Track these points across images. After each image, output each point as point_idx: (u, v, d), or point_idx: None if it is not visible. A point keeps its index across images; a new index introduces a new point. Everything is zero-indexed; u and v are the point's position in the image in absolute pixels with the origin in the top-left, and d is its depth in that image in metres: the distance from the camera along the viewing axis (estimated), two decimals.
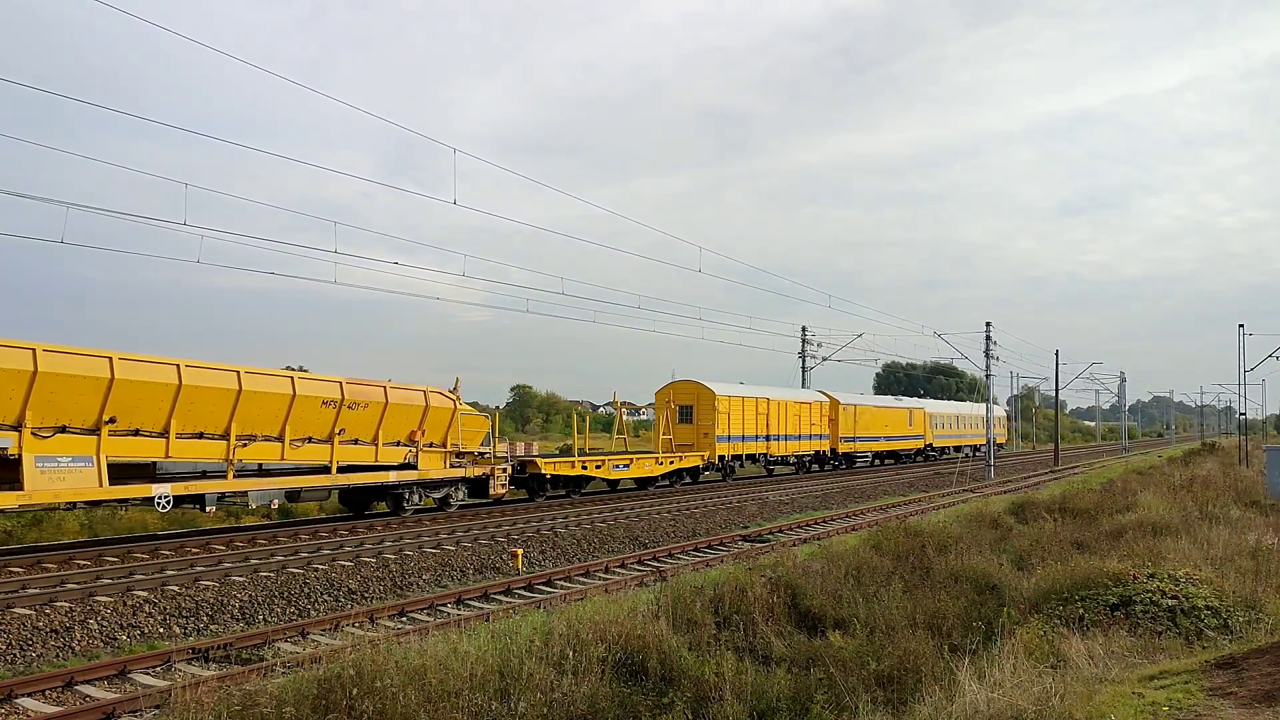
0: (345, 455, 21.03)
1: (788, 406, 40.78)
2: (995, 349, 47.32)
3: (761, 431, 38.69)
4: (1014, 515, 21.20)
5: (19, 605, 12.90)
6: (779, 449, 40.18)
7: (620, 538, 22.01)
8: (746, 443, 37.76)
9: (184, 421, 17.53)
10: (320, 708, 7.35)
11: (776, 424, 39.75)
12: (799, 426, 41.58)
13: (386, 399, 21.59)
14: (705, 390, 36.11)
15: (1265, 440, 76.94)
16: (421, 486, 23.36)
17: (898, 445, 52.68)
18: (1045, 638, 9.19)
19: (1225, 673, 7.85)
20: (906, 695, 8.00)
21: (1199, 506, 19.89)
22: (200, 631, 13.20)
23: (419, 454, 22.85)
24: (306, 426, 19.98)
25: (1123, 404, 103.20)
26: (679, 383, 36.84)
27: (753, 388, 39.47)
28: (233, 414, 18.23)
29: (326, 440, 20.48)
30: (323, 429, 20.36)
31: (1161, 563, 11.89)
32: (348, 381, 20.77)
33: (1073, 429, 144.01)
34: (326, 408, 20.21)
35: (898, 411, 53.18)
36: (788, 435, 40.69)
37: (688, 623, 10.46)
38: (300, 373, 20.29)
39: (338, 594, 15.39)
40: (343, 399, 20.45)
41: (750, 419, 37.88)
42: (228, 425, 18.26)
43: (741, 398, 37.54)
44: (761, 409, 38.75)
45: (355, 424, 21.07)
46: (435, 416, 23.14)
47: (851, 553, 14.69)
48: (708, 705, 8.09)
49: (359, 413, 21.00)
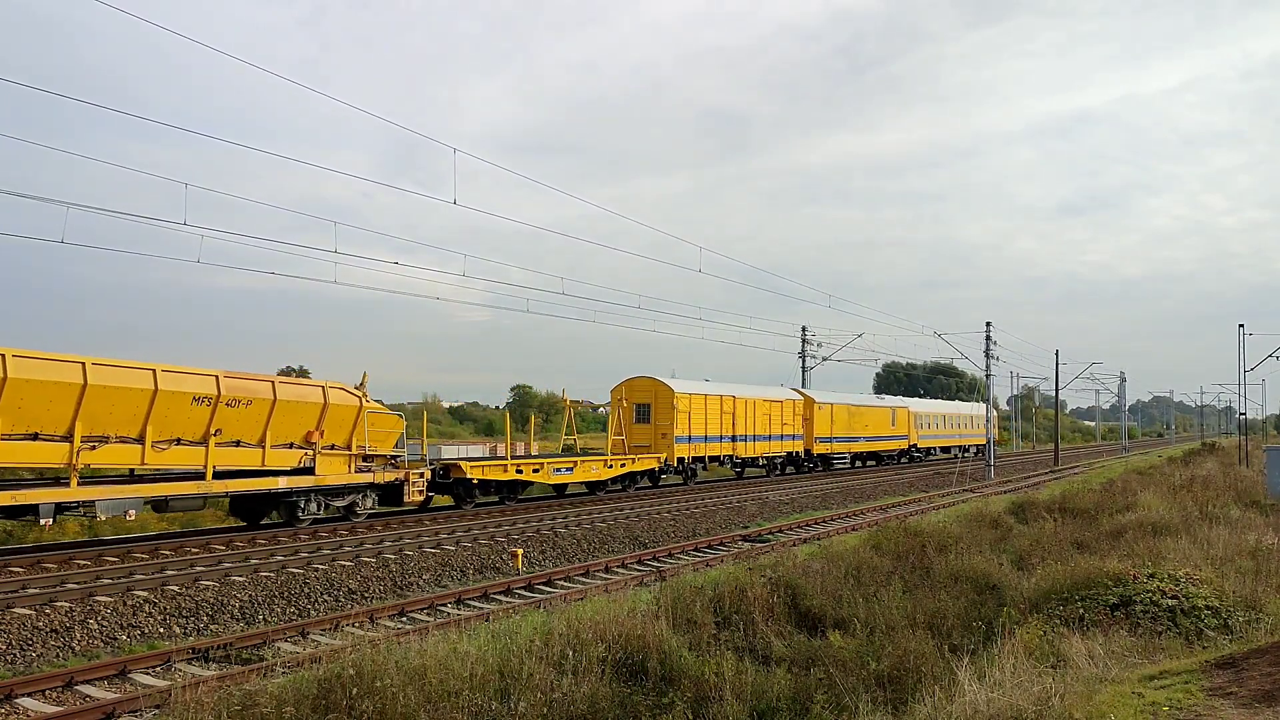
0: (225, 459, 18.79)
1: (756, 405, 38.52)
2: (995, 349, 47.37)
3: (727, 431, 36.50)
4: (1014, 515, 21.21)
5: (19, 605, 12.91)
6: (746, 450, 37.94)
7: (620, 538, 22.02)
8: (710, 444, 35.58)
9: (12, 421, 15.39)
10: (320, 708, 7.36)
11: (744, 423, 37.57)
12: (769, 426, 39.38)
13: (275, 395, 19.33)
14: (663, 387, 33.82)
15: (1265, 440, 76.95)
16: (321, 494, 20.99)
17: (879, 446, 50.76)
18: (1045, 638, 9.19)
19: (1225, 673, 7.85)
20: (906, 695, 8.00)
21: (1199, 506, 19.89)
22: (200, 631, 13.21)
23: (317, 457, 20.55)
24: (174, 426, 17.74)
25: (1123, 404, 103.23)
26: (635, 379, 34.48)
27: (718, 385, 37.44)
28: (77, 412, 16.06)
29: (200, 442, 18.22)
30: (195, 429, 18.13)
31: (1161, 563, 11.89)
32: (225, 375, 18.71)
33: (1073, 429, 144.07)
34: (199, 405, 18.01)
35: (879, 410, 51.25)
36: (756, 435, 38.46)
37: (688, 623, 10.46)
38: (170, 366, 17.89)
39: (338, 594, 15.39)
40: (219, 395, 18.25)
41: (714, 418, 35.76)
42: (71, 425, 16.10)
43: (704, 395, 35.37)
44: (727, 407, 36.58)
45: (236, 424, 18.83)
46: (337, 415, 20.93)
47: (851, 553, 14.69)
48: (708, 705, 8.09)
49: (241, 411, 18.79)
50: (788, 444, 41.17)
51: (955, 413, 64.20)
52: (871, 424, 49.55)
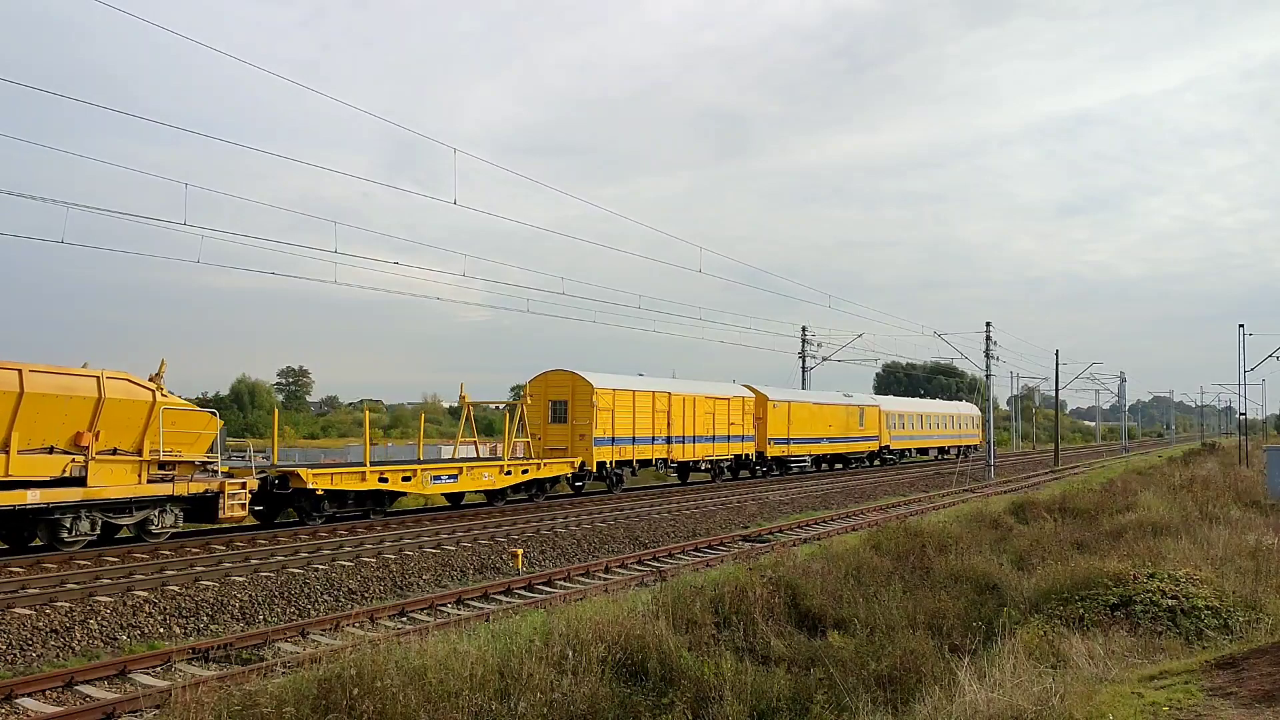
0: None
1: (697, 403, 34.93)
2: (995, 349, 47.39)
3: (660, 432, 32.90)
4: (1014, 515, 21.21)
5: (19, 605, 12.91)
6: (683, 453, 34.25)
7: (620, 538, 22.02)
8: (639, 446, 31.83)
9: None
10: (320, 708, 7.36)
11: (681, 423, 33.98)
12: (711, 426, 35.78)
13: (21, 388, 15.53)
14: (581, 382, 30.23)
15: (1265, 440, 76.96)
16: (95, 509, 16.94)
17: (844, 448, 47.16)
18: (1045, 638, 9.20)
19: (1225, 673, 7.85)
20: (907, 695, 8.00)
21: (1199, 506, 19.90)
22: (200, 631, 13.20)
23: (90, 464, 16.65)
24: None
25: (1123, 404, 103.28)
26: (551, 373, 31.17)
27: (652, 380, 34.21)
28: None
29: None
30: None
31: (1161, 563, 11.89)
32: None
33: (1073, 429, 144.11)
34: None
35: (844, 409, 47.36)
36: (697, 437, 34.85)
37: (688, 623, 10.46)
38: None
39: (338, 594, 15.39)
40: None
41: (644, 417, 32.12)
42: None
43: (632, 392, 31.76)
44: (661, 405, 33.00)
45: None
46: (119, 413, 17.07)
47: (851, 553, 14.69)
48: (708, 705, 8.09)
49: None
50: (736, 446, 37.51)
51: (935, 412, 60.43)
52: (836, 424, 46.07)
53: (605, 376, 31.29)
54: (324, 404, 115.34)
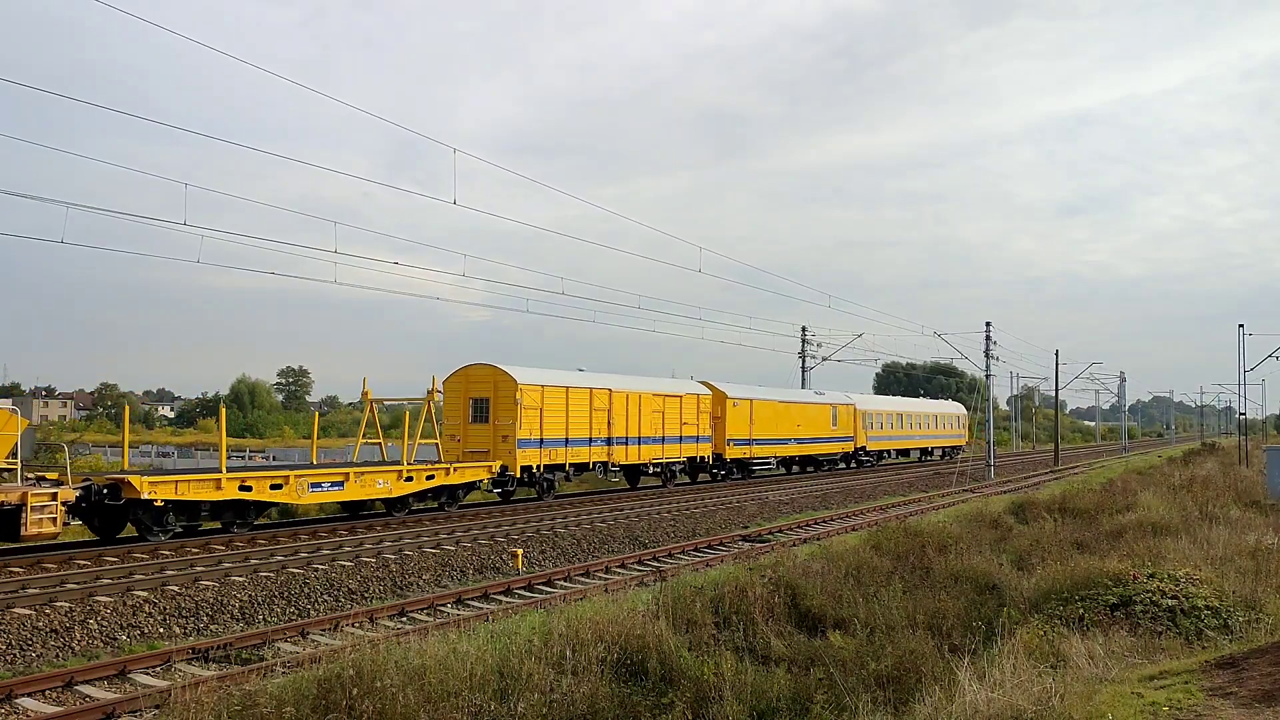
0: None
1: (643, 400, 31.84)
2: (995, 349, 47.35)
3: (600, 433, 29.72)
4: (1014, 515, 21.21)
5: (19, 605, 12.90)
6: (628, 455, 31.11)
7: (620, 538, 22.03)
8: (574, 448, 28.76)
9: None
10: (320, 708, 7.36)
11: (624, 423, 30.90)
12: (661, 426, 32.79)
13: None
14: (504, 377, 27.08)
15: (1265, 440, 76.96)
16: None
17: (815, 449, 44.11)
18: (1045, 638, 9.19)
19: (1225, 673, 7.85)
20: (907, 695, 8.00)
21: (1199, 506, 19.90)
22: (200, 631, 13.20)
23: None
24: None
25: (1123, 404, 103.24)
26: (471, 367, 28.08)
27: (590, 375, 31.08)
28: None
29: None
30: None
31: (1161, 563, 11.89)
32: None
33: (1073, 429, 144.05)
34: None
35: (815, 408, 44.18)
36: (643, 438, 31.82)
37: (687, 623, 10.46)
38: None
39: (338, 594, 15.39)
40: None
41: (580, 416, 29.05)
42: None
43: (564, 388, 28.67)
44: (600, 403, 29.79)
45: None
46: None
47: (851, 553, 14.69)
48: (708, 705, 8.09)
49: None
50: (689, 447, 34.58)
51: (918, 411, 56.92)
52: (805, 423, 42.91)
53: (532, 371, 28.25)
54: (324, 404, 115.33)
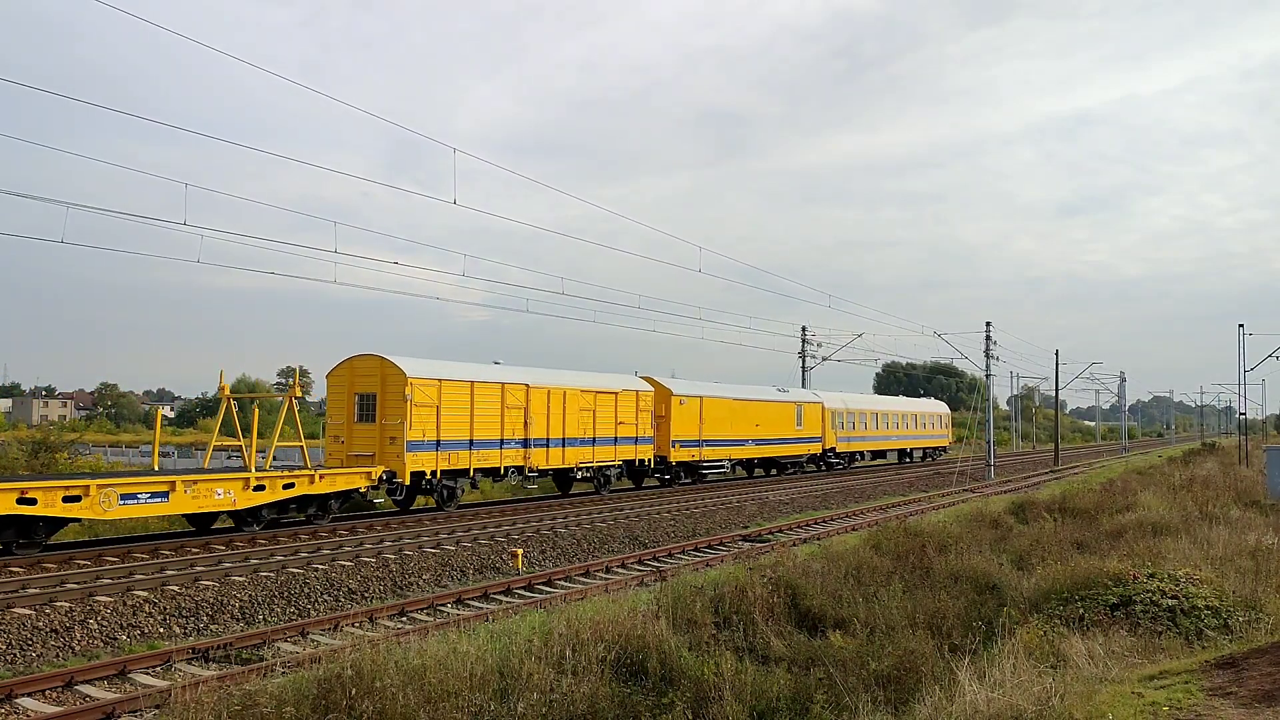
0: None
1: (568, 398, 28.26)
2: (995, 349, 47.34)
3: (515, 434, 26.25)
4: (1014, 515, 21.21)
5: (19, 605, 12.90)
6: (547, 459, 27.51)
7: (620, 538, 22.03)
8: (481, 451, 25.09)
9: None
10: (320, 708, 7.36)
11: (546, 423, 27.41)
12: (592, 426, 29.34)
13: None
14: (392, 370, 23.38)
15: (1265, 440, 76.96)
16: None
17: (776, 450, 40.71)
18: (1045, 638, 9.19)
19: (1225, 673, 7.85)
20: (907, 695, 8.00)
21: (1199, 506, 19.89)
22: (200, 631, 13.20)
23: None
24: None
25: (1123, 404, 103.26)
26: (357, 359, 24.22)
27: (502, 369, 27.21)
28: None
29: None
30: None
31: (1161, 563, 11.89)
32: None
33: (1073, 429, 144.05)
34: None
35: (776, 406, 40.59)
36: (570, 439, 28.33)
37: (687, 623, 10.46)
38: None
39: (338, 594, 15.39)
40: None
41: (488, 415, 25.42)
42: None
43: (468, 383, 24.86)
44: (514, 400, 26.17)
45: None
46: None
47: (851, 553, 14.69)
48: (708, 705, 8.09)
49: None
50: (627, 449, 31.16)
51: (895, 410, 53.78)
52: (765, 422, 39.65)
53: (428, 363, 24.61)
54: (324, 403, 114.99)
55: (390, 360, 23.48)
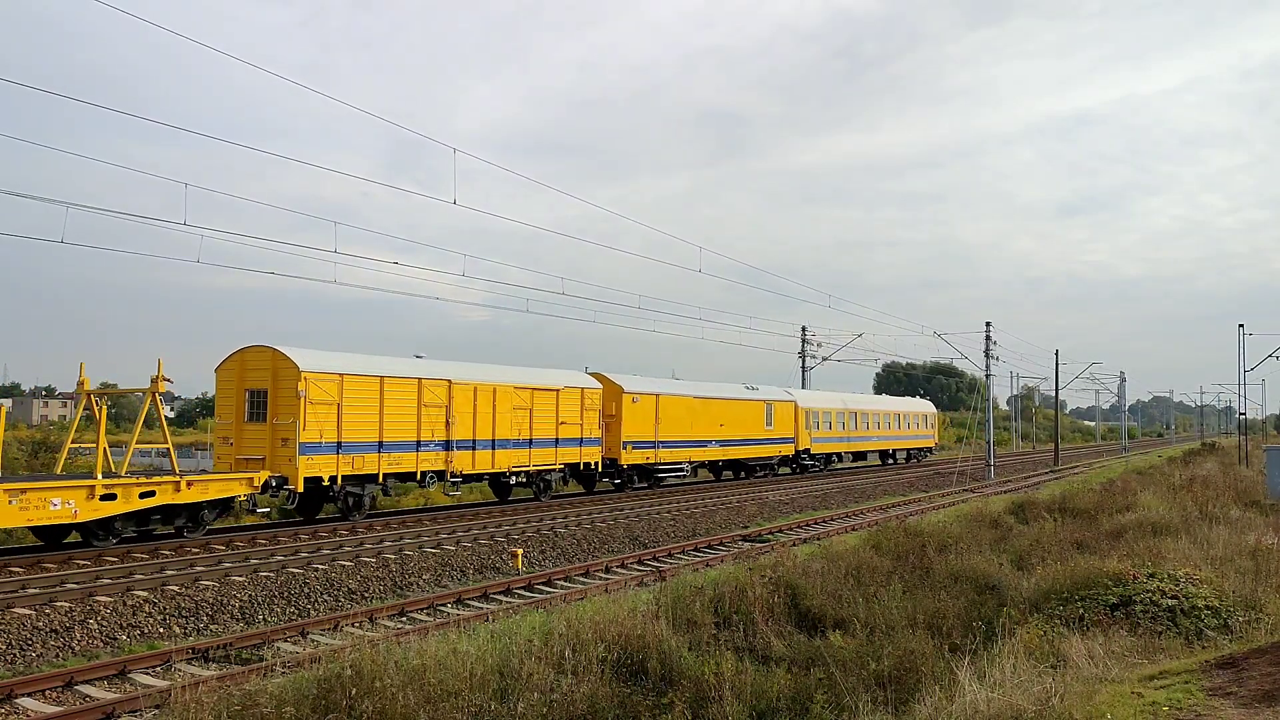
0: None
1: (498, 395, 25.71)
2: (995, 349, 47.35)
3: (435, 434, 23.76)
4: (1014, 515, 21.21)
5: (19, 605, 12.90)
6: (473, 463, 24.92)
7: (620, 538, 22.03)
8: (393, 454, 22.57)
9: None
10: (320, 708, 7.36)
11: (471, 423, 24.82)
12: (528, 427, 26.74)
13: None
14: (285, 363, 20.84)
15: (1265, 440, 76.97)
16: None
17: (743, 452, 38.13)
18: (1045, 638, 9.19)
19: (1225, 673, 7.85)
20: (907, 695, 8.00)
21: (1199, 506, 19.88)
22: (200, 631, 13.20)
23: None
24: None
25: (1123, 404, 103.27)
26: (249, 351, 21.65)
27: (420, 364, 24.52)
28: None
29: None
30: None
31: (1161, 563, 11.88)
32: None
33: (1073, 429, 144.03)
34: None
35: (743, 405, 38.02)
36: (500, 441, 25.70)
37: (687, 623, 10.46)
38: None
39: (338, 594, 15.39)
40: None
41: (402, 414, 22.93)
42: None
43: (377, 378, 22.40)
44: (434, 398, 23.66)
45: None
46: None
47: (851, 553, 14.69)
48: (708, 705, 8.09)
49: None
50: (570, 451, 28.49)
51: (876, 409, 51.00)
52: (731, 422, 37.12)
53: (327, 356, 21.97)
54: None
55: (282, 352, 21.02)
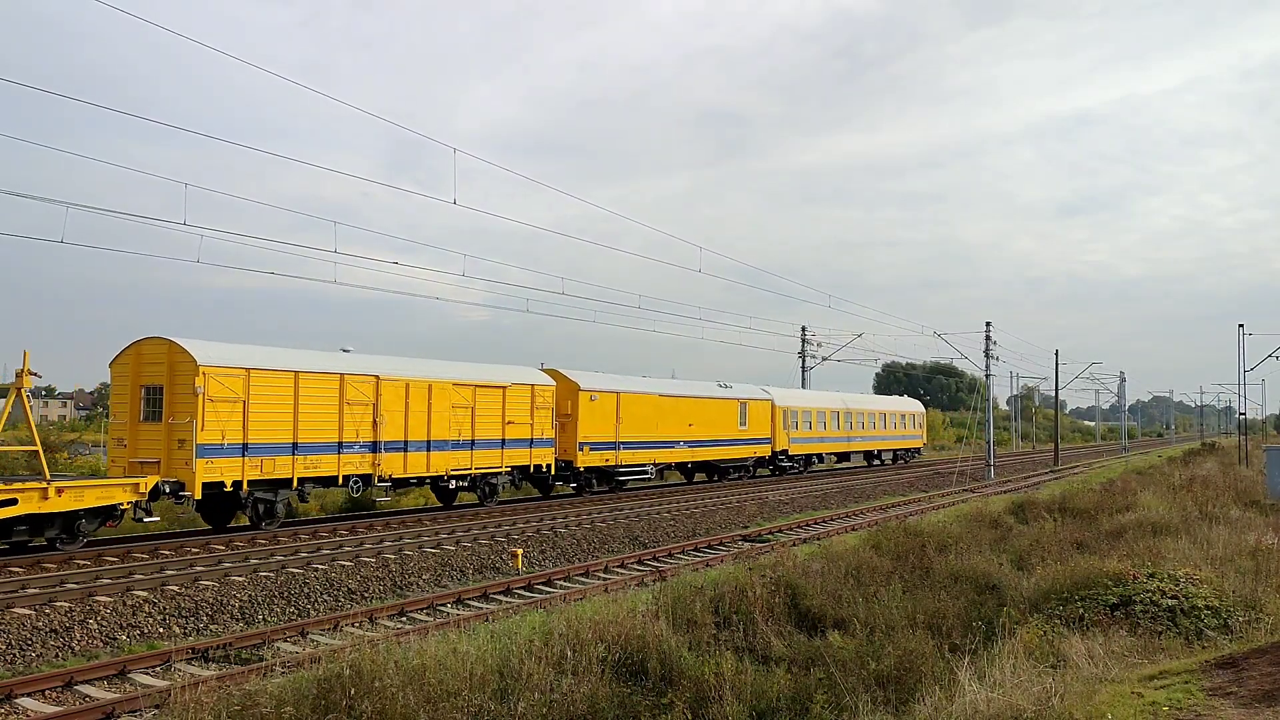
0: None
1: (434, 392, 23.90)
2: (995, 349, 47.34)
3: (360, 435, 21.90)
4: (1014, 515, 21.22)
5: (19, 605, 12.90)
6: (406, 465, 23.17)
7: (620, 538, 22.03)
8: (309, 456, 20.70)
9: None
10: (320, 708, 7.35)
11: (404, 422, 23.07)
12: (470, 427, 25.00)
13: None
14: (182, 356, 18.99)
15: (1265, 440, 76.98)
16: None
17: (714, 453, 36.22)
18: (1045, 638, 9.19)
19: (1225, 672, 7.84)
20: (907, 695, 8.00)
21: (1199, 506, 19.88)
22: (200, 631, 13.20)
23: None
24: None
25: (1123, 404, 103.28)
26: (145, 343, 19.73)
27: (346, 358, 22.56)
28: None
29: None
30: None
31: (1161, 562, 11.89)
32: None
33: (1073, 429, 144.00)
34: None
35: (715, 403, 36.15)
36: (437, 441, 23.98)
37: (687, 623, 10.46)
38: None
39: (337, 594, 15.38)
40: None
41: (322, 413, 21.09)
42: None
43: (291, 373, 20.50)
44: (359, 395, 21.89)
45: None
46: None
47: (851, 553, 14.69)
48: (708, 705, 8.08)
49: None
50: (518, 453, 26.67)
51: (860, 408, 48.65)
52: (701, 422, 35.25)
53: (230, 349, 19.99)
54: None
55: (179, 344, 19.08)
